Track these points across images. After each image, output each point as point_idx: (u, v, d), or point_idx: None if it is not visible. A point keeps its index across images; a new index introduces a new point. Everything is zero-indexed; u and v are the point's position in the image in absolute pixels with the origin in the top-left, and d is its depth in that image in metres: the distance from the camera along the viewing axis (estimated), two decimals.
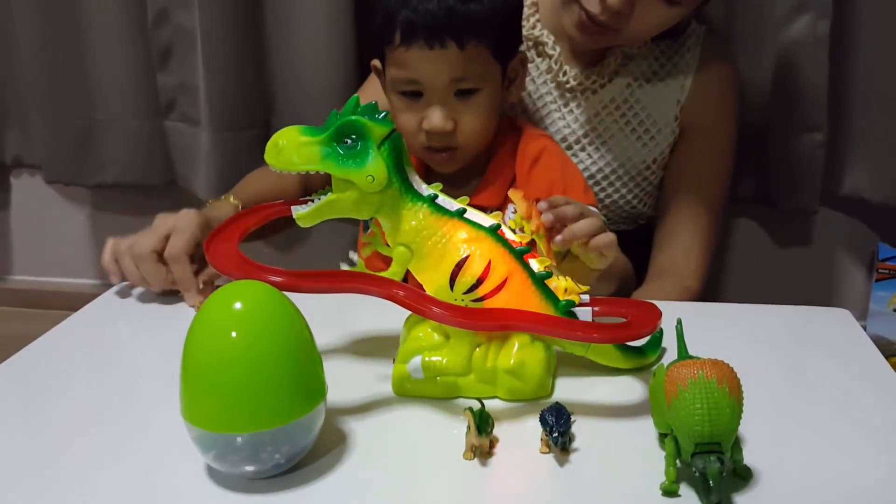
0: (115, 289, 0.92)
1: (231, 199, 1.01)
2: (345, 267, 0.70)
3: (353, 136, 0.64)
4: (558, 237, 0.74)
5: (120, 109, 1.56)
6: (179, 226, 0.88)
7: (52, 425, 0.66)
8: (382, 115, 0.65)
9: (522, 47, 1.03)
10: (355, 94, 0.66)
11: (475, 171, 1.00)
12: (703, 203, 1.12)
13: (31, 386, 0.73)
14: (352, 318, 0.82)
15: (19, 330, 1.72)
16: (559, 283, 0.69)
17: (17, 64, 1.58)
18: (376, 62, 1.00)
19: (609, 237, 0.77)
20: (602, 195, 1.13)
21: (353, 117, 0.64)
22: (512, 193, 0.75)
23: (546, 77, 1.11)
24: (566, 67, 1.09)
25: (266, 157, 0.66)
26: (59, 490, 0.58)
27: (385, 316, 0.76)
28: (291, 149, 0.65)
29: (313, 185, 0.77)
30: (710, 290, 1.27)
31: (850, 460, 0.60)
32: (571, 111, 1.11)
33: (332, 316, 0.61)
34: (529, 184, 0.98)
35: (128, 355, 0.81)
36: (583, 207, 0.77)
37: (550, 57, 1.09)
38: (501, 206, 0.99)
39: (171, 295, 0.89)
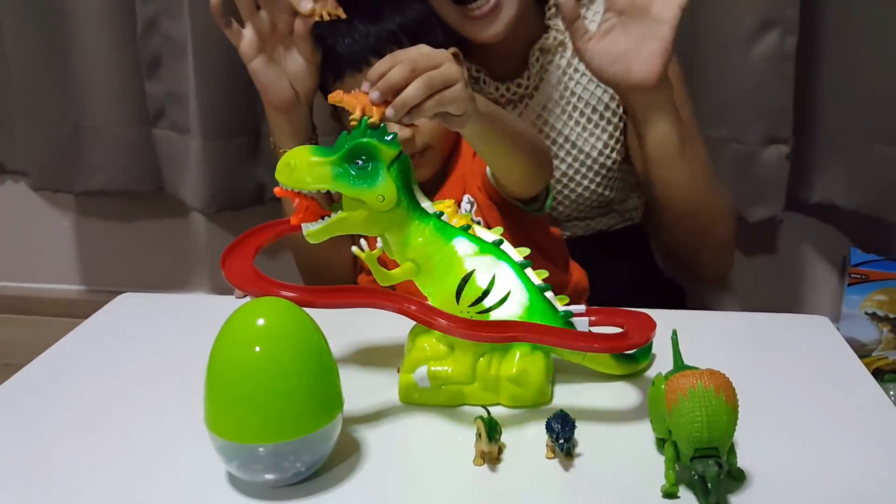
0: (118, 298, 0.94)
1: None
2: (355, 250, 0.71)
3: (364, 157, 0.67)
4: (389, 111, 0.68)
5: (108, 117, 1.57)
6: None
7: (73, 434, 0.68)
8: (391, 136, 0.68)
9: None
10: (365, 117, 0.68)
11: (441, 175, 1.02)
12: None
13: (46, 397, 0.74)
14: (351, 328, 0.84)
15: (4, 336, 1.73)
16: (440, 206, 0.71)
17: (3, 69, 1.58)
18: (332, 110, 1.06)
19: (454, 93, 0.70)
20: (566, 192, 1.14)
21: (365, 139, 0.67)
22: (332, 97, 0.70)
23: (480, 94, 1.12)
24: (496, 84, 1.11)
25: (277, 175, 0.68)
26: (83, 499, 0.60)
27: (386, 326, 0.79)
28: (303, 168, 0.67)
29: None
30: (685, 299, 1.31)
31: (835, 461, 0.63)
32: None
33: (332, 326, 0.63)
34: (472, 168, 0.99)
35: (141, 366, 0.82)
36: (416, 61, 0.69)
37: (477, 80, 1.11)
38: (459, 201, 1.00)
39: (178, 304, 0.90)
